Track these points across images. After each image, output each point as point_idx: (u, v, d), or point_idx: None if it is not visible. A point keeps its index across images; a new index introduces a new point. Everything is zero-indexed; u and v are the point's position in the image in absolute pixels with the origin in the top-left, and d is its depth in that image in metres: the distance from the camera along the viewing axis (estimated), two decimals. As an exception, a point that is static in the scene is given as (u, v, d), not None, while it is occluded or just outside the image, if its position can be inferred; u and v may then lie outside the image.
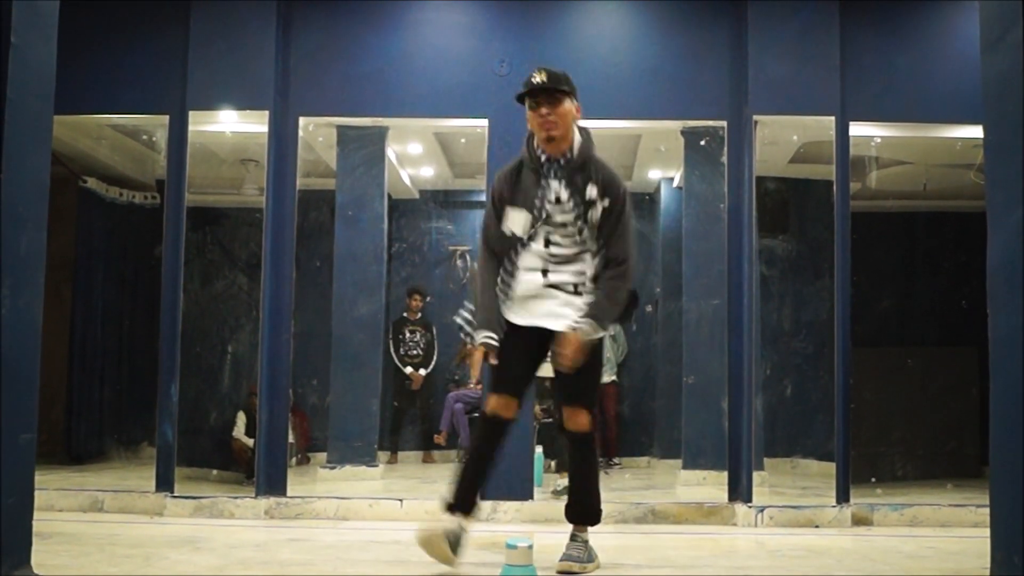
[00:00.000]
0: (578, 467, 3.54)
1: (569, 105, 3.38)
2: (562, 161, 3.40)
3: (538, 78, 3.34)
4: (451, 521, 3.33)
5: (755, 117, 4.88)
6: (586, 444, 3.48)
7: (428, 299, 7.45)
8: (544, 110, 3.33)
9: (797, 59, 4.90)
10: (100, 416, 6.81)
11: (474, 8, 5.13)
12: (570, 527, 3.52)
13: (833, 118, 4.89)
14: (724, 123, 5.04)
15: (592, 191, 3.37)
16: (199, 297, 4.94)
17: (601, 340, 3.47)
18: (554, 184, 3.38)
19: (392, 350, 7.15)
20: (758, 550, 4.05)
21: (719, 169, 5.08)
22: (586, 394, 3.48)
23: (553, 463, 6.73)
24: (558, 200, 3.37)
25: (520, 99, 3.41)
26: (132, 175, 6.59)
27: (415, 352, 7.27)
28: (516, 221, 3.41)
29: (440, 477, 5.24)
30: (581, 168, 3.40)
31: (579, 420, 3.44)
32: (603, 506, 3.55)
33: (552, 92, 3.35)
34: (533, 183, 3.41)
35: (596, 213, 3.37)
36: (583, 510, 3.52)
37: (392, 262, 7.11)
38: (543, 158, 3.41)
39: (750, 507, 4.67)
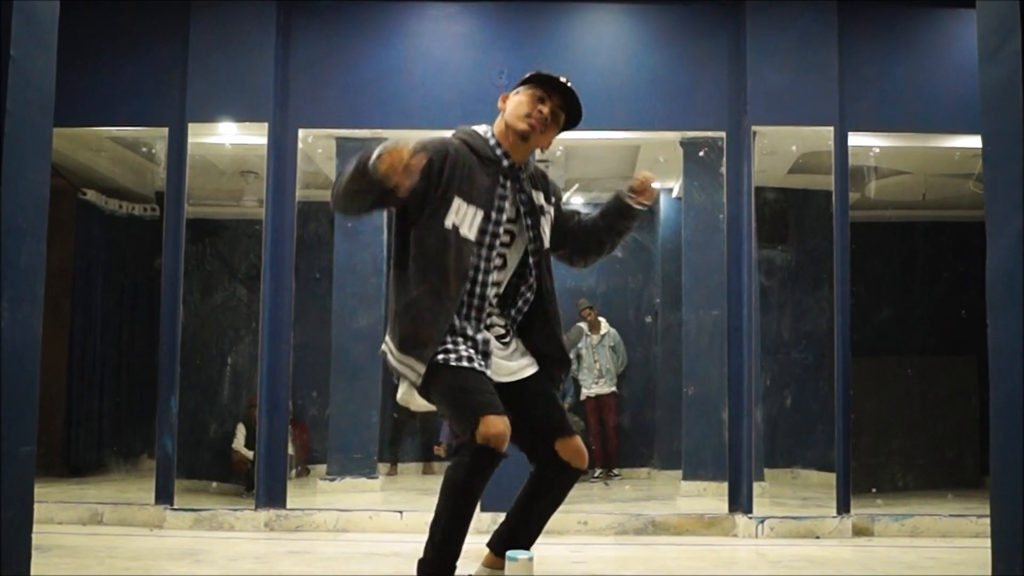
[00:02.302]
0: (553, 502, 3.00)
1: (557, 130, 3.03)
2: (517, 167, 2.98)
3: (563, 79, 2.97)
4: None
5: (754, 127, 4.89)
6: (575, 480, 3.00)
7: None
8: (547, 109, 2.94)
9: (796, 69, 4.92)
10: (99, 428, 6.80)
11: (473, 19, 5.14)
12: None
13: (832, 128, 4.89)
14: (723, 133, 5.04)
15: (539, 197, 3.03)
16: (199, 309, 4.94)
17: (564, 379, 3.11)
18: (507, 190, 2.95)
19: (392, 361, 7.13)
20: (758, 561, 4.04)
21: (718, 179, 5.09)
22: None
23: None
24: (508, 218, 2.95)
25: (525, 82, 2.99)
26: (131, 187, 6.60)
27: (414, 363, 7.25)
28: (467, 220, 2.85)
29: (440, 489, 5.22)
30: (528, 178, 3.03)
31: (584, 453, 2.94)
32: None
33: (566, 101, 2.99)
34: (489, 179, 2.92)
35: (547, 222, 3.02)
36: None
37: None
38: (505, 162, 2.96)
39: (750, 518, 4.65)
